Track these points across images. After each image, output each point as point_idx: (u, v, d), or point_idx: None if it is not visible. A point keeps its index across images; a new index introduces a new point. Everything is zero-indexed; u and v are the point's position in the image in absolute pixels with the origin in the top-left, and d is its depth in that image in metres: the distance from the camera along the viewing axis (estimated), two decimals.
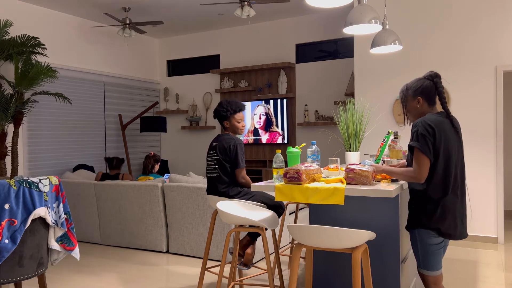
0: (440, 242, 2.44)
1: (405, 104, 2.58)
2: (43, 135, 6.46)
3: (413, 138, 2.39)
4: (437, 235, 2.41)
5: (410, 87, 2.55)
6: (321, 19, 7.04)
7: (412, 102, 2.54)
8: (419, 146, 2.35)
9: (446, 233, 2.40)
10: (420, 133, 2.36)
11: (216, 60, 8.13)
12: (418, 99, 2.52)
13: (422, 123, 2.38)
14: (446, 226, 2.39)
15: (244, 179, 3.35)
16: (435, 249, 2.43)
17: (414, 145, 2.36)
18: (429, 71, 2.57)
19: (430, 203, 2.40)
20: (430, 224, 2.39)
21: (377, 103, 5.66)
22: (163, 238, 4.84)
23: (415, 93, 2.52)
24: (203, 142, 8.25)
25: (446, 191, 2.39)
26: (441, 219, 2.39)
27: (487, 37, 5.04)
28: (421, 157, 2.34)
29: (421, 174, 2.34)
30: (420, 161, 2.35)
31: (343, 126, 3.18)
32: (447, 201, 2.39)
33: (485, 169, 5.05)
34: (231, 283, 2.95)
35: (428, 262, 2.44)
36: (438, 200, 2.39)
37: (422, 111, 2.53)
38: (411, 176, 2.38)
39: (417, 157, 2.36)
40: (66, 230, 2.70)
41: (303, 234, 2.20)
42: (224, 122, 3.45)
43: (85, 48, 7.12)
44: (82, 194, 5.36)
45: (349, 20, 2.98)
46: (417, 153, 2.36)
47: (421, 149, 2.34)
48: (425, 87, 2.51)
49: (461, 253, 4.69)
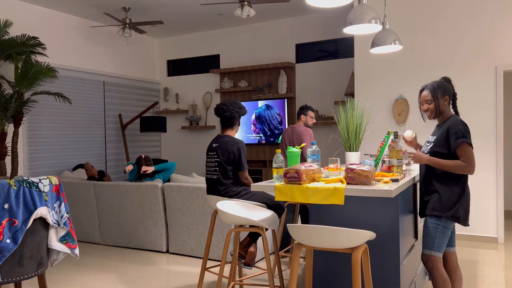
0: (454, 225, 2.77)
1: (436, 101, 2.76)
2: (43, 135, 6.46)
3: (462, 136, 2.63)
4: (458, 223, 2.69)
5: (439, 86, 2.78)
6: (321, 19, 7.04)
7: (441, 100, 2.76)
8: (470, 141, 2.64)
9: (465, 221, 2.71)
10: (466, 130, 2.66)
11: (216, 60, 8.13)
12: (446, 98, 2.76)
13: (463, 123, 2.69)
14: (466, 215, 2.72)
15: (246, 179, 3.43)
16: (449, 232, 2.71)
17: (466, 141, 2.63)
18: (443, 76, 2.87)
19: (458, 194, 2.68)
20: (456, 212, 2.66)
21: (377, 103, 5.66)
22: (163, 238, 4.84)
23: (444, 93, 2.76)
24: (203, 142, 8.25)
25: (467, 184, 2.74)
26: (465, 207, 2.70)
27: (487, 37, 5.05)
28: (471, 151, 2.63)
29: (473, 166, 2.64)
30: (471, 154, 2.63)
31: (343, 126, 3.18)
32: (468, 193, 2.74)
33: (485, 169, 5.05)
34: (231, 283, 2.95)
35: (442, 244, 2.68)
36: (463, 191, 2.69)
37: (444, 110, 2.78)
38: (463, 168, 2.63)
39: (468, 151, 2.63)
40: (69, 228, 2.71)
41: (303, 234, 2.21)
42: (237, 123, 3.49)
43: (85, 48, 7.12)
44: (82, 194, 5.36)
45: (349, 20, 2.98)
46: (468, 148, 2.63)
47: (470, 143, 2.64)
48: (449, 88, 2.79)
49: (461, 253, 4.69)
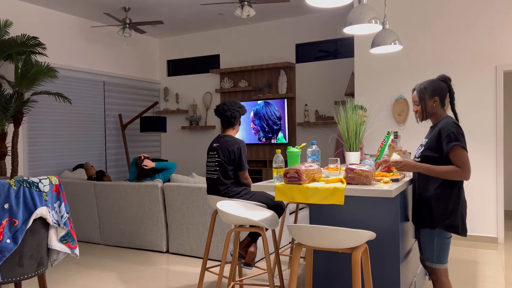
0: (451, 235, 2.59)
1: (422, 103, 2.62)
2: (43, 135, 6.46)
3: (455, 139, 2.41)
4: (455, 233, 2.52)
5: (427, 86, 2.61)
6: (321, 19, 7.04)
7: (430, 102, 2.61)
8: (463, 144, 2.42)
9: (463, 231, 2.51)
10: (459, 133, 2.44)
11: (216, 60, 8.13)
12: (435, 99, 2.60)
13: (456, 125, 2.47)
14: (463, 224, 2.52)
15: (247, 179, 3.43)
16: (448, 242, 2.56)
17: (459, 144, 2.41)
18: (441, 74, 2.67)
19: (451, 202, 2.50)
20: (452, 222, 2.49)
21: (377, 103, 5.66)
22: (163, 238, 4.84)
23: (433, 93, 2.60)
24: (203, 142, 8.25)
25: (462, 191, 2.54)
26: (460, 217, 2.51)
27: (487, 37, 5.04)
28: (466, 155, 2.41)
29: (469, 171, 2.41)
30: (465, 158, 2.41)
31: (343, 126, 3.18)
32: (464, 201, 2.55)
33: (485, 169, 5.05)
34: (231, 283, 2.95)
35: (442, 256, 2.55)
36: (458, 199, 2.51)
37: (436, 111, 2.61)
38: (457, 173, 2.42)
39: (462, 155, 2.41)
40: (70, 228, 2.71)
41: (303, 234, 2.20)
42: (238, 122, 3.49)
43: (85, 48, 7.12)
44: (82, 194, 5.36)
45: (349, 20, 2.98)
46: (462, 151, 2.41)
47: (464, 146, 2.41)
48: (442, 88, 2.60)
49: (461, 253, 4.69)
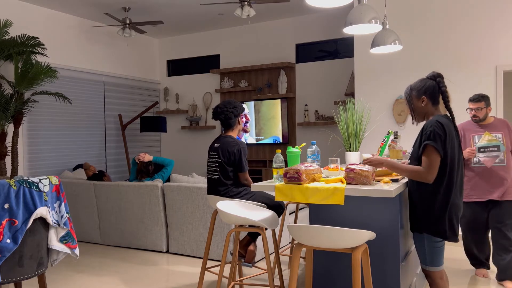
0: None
1: (410, 104, 2.61)
2: (43, 135, 6.46)
3: (428, 138, 2.37)
4: (442, 239, 2.46)
5: (414, 87, 2.59)
6: (321, 19, 7.04)
7: (417, 102, 2.58)
8: (435, 144, 2.34)
9: (452, 236, 2.43)
10: (436, 133, 2.36)
11: (216, 60, 8.12)
12: (422, 98, 2.56)
13: (437, 124, 2.40)
14: (452, 229, 2.44)
15: (247, 180, 3.42)
16: (440, 245, 2.50)
17: (431, 143, 2.34)
18: (432, 71, 2.62)
19: (437, 207, 2.42)
20: (438, 227, 2.42)
21: (377, 103, 5.66)
22: (163, 238, 4.84)
23: (419, 93, 2.56)
24: (203, 142, 8.25)
25: (451, 195, 2.41)
26: (448, 222, 2.42)
27: (487, 37, 5.04)
28: (434, 156, 2.34)
29: (432, 173, 2.34)
30: (433, 160, 2.34)
31: (343, 126, 3.18)
32: (454, 205, 2.43)
33: None
34: (231, 283, 2.95)
35: (434, 259, 2.51)
36: (446, 203, 2.41)
37: (427, 111, 2.57)
38: (420, 174, 2.37)
39: (430, 155, 2.35)
40: (70, 228, 2.71)
41: (303, 234, 2.20)
42: (237, 122, 3.46)
43: (85, 48, 7.12)
44: (82, 194, 5.36)
45: (349, 20, 2.98)
46: (432, 151, 2.35)
47: (437, 147, 2.34)
48: (428, 87, 2.54)
49: (461, 253, 4.69)
